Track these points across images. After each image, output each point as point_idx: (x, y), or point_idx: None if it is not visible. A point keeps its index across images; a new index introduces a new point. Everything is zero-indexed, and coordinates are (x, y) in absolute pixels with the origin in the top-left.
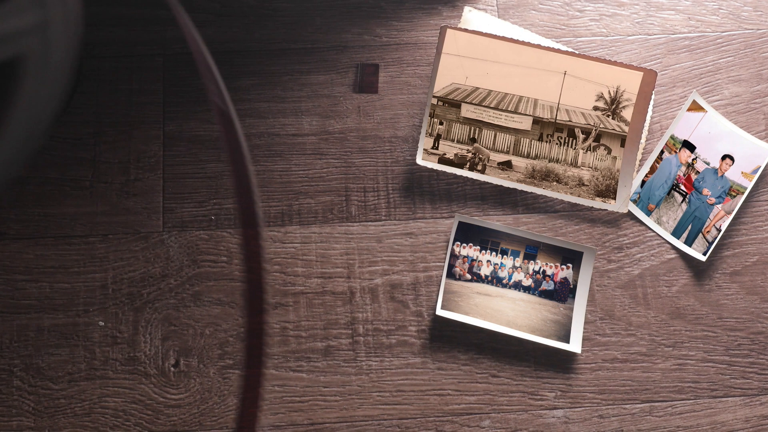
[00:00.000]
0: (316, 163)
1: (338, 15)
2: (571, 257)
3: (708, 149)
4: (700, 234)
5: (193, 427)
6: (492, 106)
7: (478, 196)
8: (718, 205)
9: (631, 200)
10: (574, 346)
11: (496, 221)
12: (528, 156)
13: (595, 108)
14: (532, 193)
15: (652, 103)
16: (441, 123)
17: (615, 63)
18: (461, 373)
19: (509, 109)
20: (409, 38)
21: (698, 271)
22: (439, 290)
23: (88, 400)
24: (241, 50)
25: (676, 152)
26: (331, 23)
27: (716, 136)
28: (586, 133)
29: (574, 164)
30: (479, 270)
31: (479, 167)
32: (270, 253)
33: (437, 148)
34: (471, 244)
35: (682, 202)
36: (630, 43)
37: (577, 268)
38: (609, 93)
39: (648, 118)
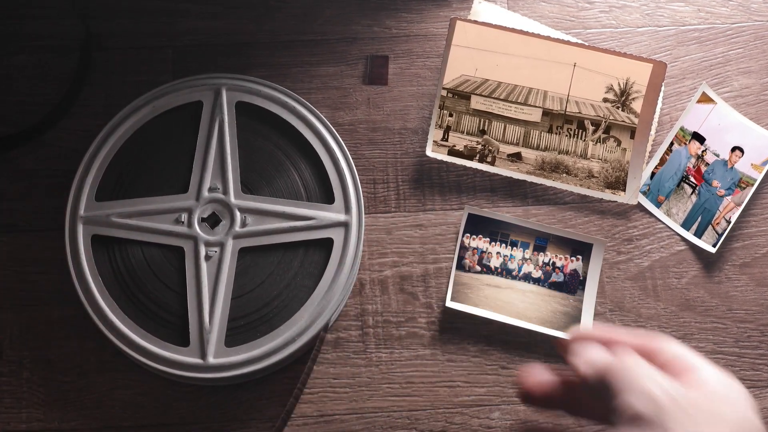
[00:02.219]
0: None
1: (348, 7)
2: (581, 249)
3: (718, 141)
4: (710, 226)
5: (201, 419)
6: (502, 97)
7: (487, 187)
8: (727, 197)
9: (640, 192)
10: None
11: (505, 213)
12: (537, 148)
13: (605, 100)
14: (541, 184)
15: (661, 94)
16: (451, 115)
17: (625, 55)
18: (471, 364)
19: (519, 100)
20: (418, 30)
21: (708, 262)
22: (448, 282)
23: (98, 392)
24: (251, 42)
25: (685, 144)
26: (340, 15)
27: (726, 127)
28: (596, 124)
29: (583, 156)
30: (489, 262)
31: (489, 159)
32: None
33: (447, 140)
34: (481, 236)
35: (691, 193)
36: (640, 35)
37: (586, 260)
38: (619, 85)
39: (658, 109)
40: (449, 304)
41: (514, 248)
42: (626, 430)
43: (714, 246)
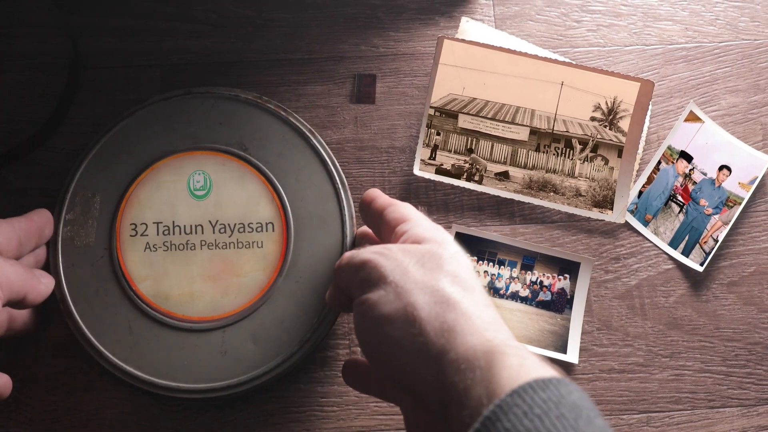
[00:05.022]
0: None
1: (335, 25)
2: (569, 268)
3: (705, 160)
4: (697, 244)
5: None
6: (489, 116)
7: (475, 206)
8: (715, 216)
9: (628, 211)
10: (572, 356)
11: (493, 232)
12: (525, 166)
13: (593, 118)
14: (529, 203)
15: (649, 113)
16: (438, 133)
17: (612, 73)
18: None
19: (506, 119)
20: (406, 49)
21: (695, 281)
22: None
23: (85, 410)
24: (239, 61)
25: (673, 163)
26: (328, 34)
27: (713, 146)
28: (583, 143)
29: (571, 175)
30: None
31: (476, 178)
32: None
33: (434, 159)
34: (468, 255)
35: (679, 212)
36: (627, 54)
37: (574, 279)
38: (606, 103)
39: (645, 128)
40: None
41: (502, 267)
42: (363, 297)
43: (701, 265)
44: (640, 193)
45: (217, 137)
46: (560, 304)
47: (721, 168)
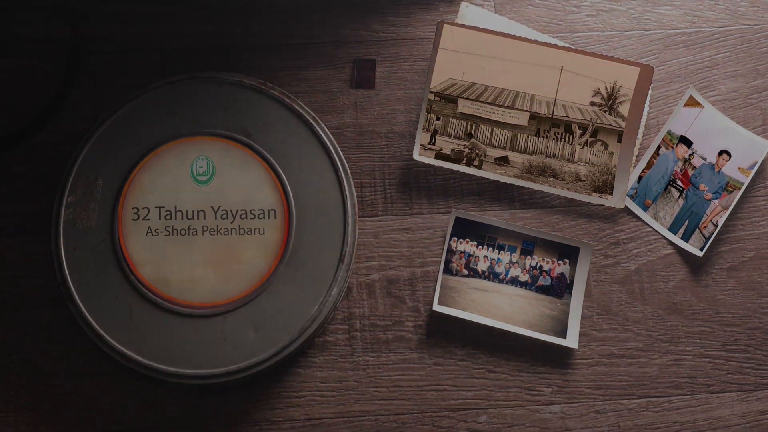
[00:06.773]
0: None
1: (335, 10)
2: (568, 252)
3: (705, 145)
4: (697, 229)
5: (189, 421)
6: (489, 101)
7: (474, 191)
8: (714, 201)
9: (627, 196)
10: (571, 341)
11: (493, 217)
12: (525, 151)
13: (592, 103)
14: (528, 188)
15: (648, 98)
16: (438, 118)
17: (612, 58)
18: (458, 368)
19: (506, 104)
20: (406, 34)
21: (695, 266)
22: (435, 286)
23: (85, 395)
24: (238, 45)
25: (673, 148)
26: (328, 18)
27: (713, 131)
28: (583, 128)
29: (570, 160)
30: (476, 265)
31: (476, 163)
32: None
33: (434, 144)
34: (468, 240)
35: (678, 197)
36: (627, 39)
37: (573, 264)
38: (606, 88)
39: (645, 113)
40: (436, 307)
41: (501, 252)
42: None
43: (701, 249)
44: (640, 177)
45: (220, 123)
46: (560, 288)
47: (720, 153)
